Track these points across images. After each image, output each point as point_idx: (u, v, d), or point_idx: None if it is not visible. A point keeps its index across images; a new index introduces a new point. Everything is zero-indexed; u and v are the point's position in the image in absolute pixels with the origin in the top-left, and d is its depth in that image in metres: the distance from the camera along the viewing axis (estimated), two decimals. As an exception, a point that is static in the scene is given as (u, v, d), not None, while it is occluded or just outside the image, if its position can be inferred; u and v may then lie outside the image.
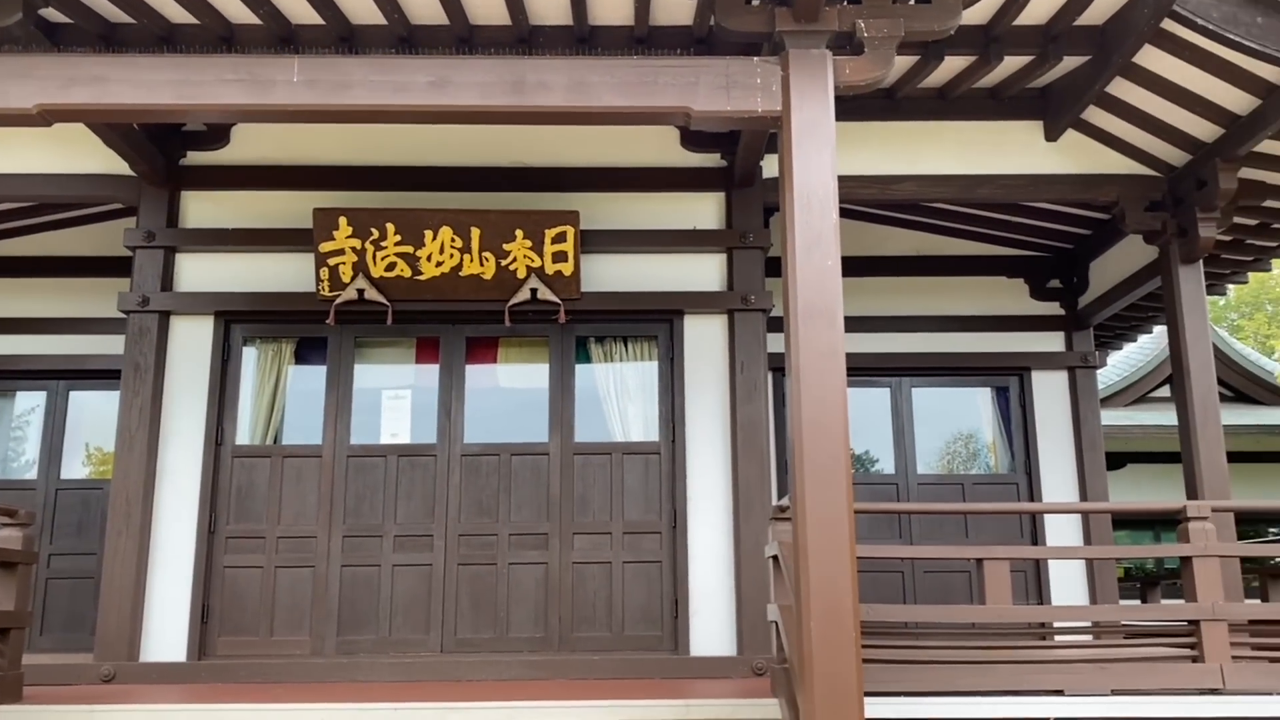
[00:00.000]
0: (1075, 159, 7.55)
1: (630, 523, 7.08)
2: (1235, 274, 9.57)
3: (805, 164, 4.75)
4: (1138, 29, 6.18)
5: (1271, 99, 6.42)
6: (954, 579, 8.83)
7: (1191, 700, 5.41)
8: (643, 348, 7.47)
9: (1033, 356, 9.23)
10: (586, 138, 7.32)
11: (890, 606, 5.78)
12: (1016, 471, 9.15)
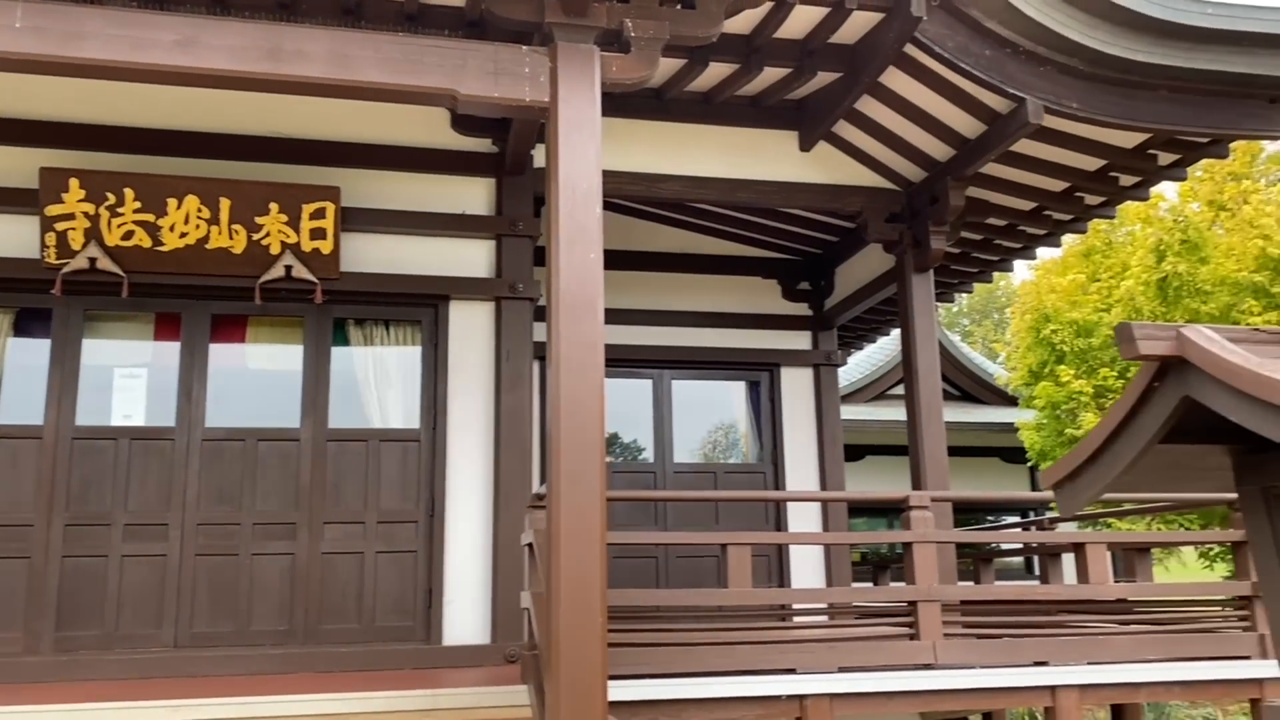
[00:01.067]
0: (826, 169, 8.01)
1: (386, 512, 6.91)
2: (963, 284, 10.48)
3: (571, 157, 4.79)
4: (884, 51, 6.63)
5: (996, 125, 7.05)
6: (705, 563, 9.19)
7: (907, 675, 5.90)
8: (405, 332, 7.30)
9: (782, 353, 9.74)
10: (352, 112, 7.06)
11: (638, 591, 5.96)
12: (765, 461, 9.63)
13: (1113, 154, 7.39)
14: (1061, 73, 6.73)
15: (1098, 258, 13.71)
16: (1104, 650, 6.27)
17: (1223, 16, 6.56)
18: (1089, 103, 6.77)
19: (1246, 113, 7.01)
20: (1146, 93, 6.82)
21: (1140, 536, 7.40)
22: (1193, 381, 1.88)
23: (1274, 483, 2.00)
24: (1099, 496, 2.17)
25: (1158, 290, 12.27)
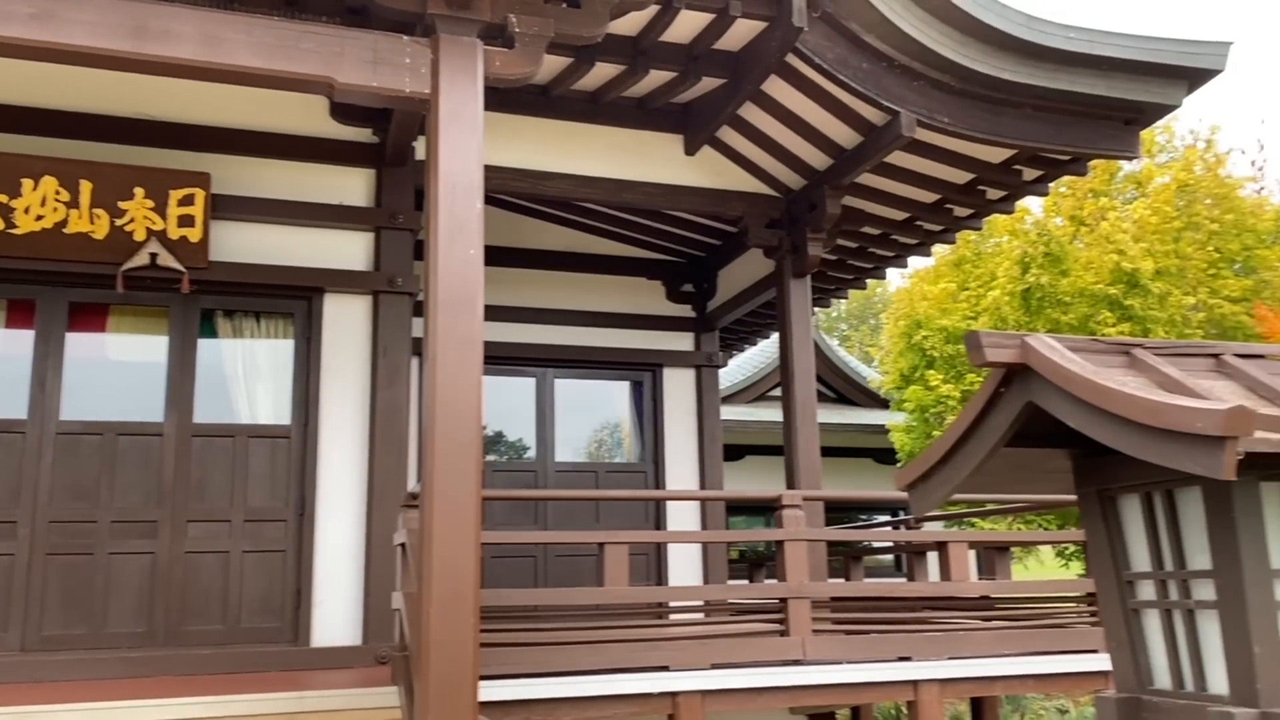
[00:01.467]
0: (710, 174, 8.12)
1: (253, 510, 6.70)
2: (839, 290, 10.76)
3: (452, 150, 4.73)
4: (766, 60, 6.76)
5: (871, 136, 7.26)
6: (586, 562, 9.19)
7: (778, 671, 6.02)
8: (278, 325, 7.09)
9: (665, 354, 9.83)
10: (225, 95, 6.81)
11: (512, 591, 5.93)
12: (646, 461, 9.70)
13: (981, 168, 7.68)
14: (934, 88, 6.96)
15: (968, 267, 14.25)
16: (964, 645, 6.51)
17: (1083, 40, 6.89)
18: (959, 118, 7.02)
19: (1104, 133, 7.39)
20: (1013, 110, 7.12)
21: (1000, 536, 7.72)
22: (1035, 388, 1.98)
23: (1108, 485, 2.12)
24: (949, 497, 2.26)
25: (1022, 300, 12.82)
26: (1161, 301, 12.64)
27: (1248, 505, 1.85)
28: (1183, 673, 2.00)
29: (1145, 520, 2.06)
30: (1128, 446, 1.78)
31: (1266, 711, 1.79)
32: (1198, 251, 13.14)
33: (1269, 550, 1.86)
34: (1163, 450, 1.70)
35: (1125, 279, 12.43)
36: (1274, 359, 2.15)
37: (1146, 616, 2.09)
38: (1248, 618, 1.81)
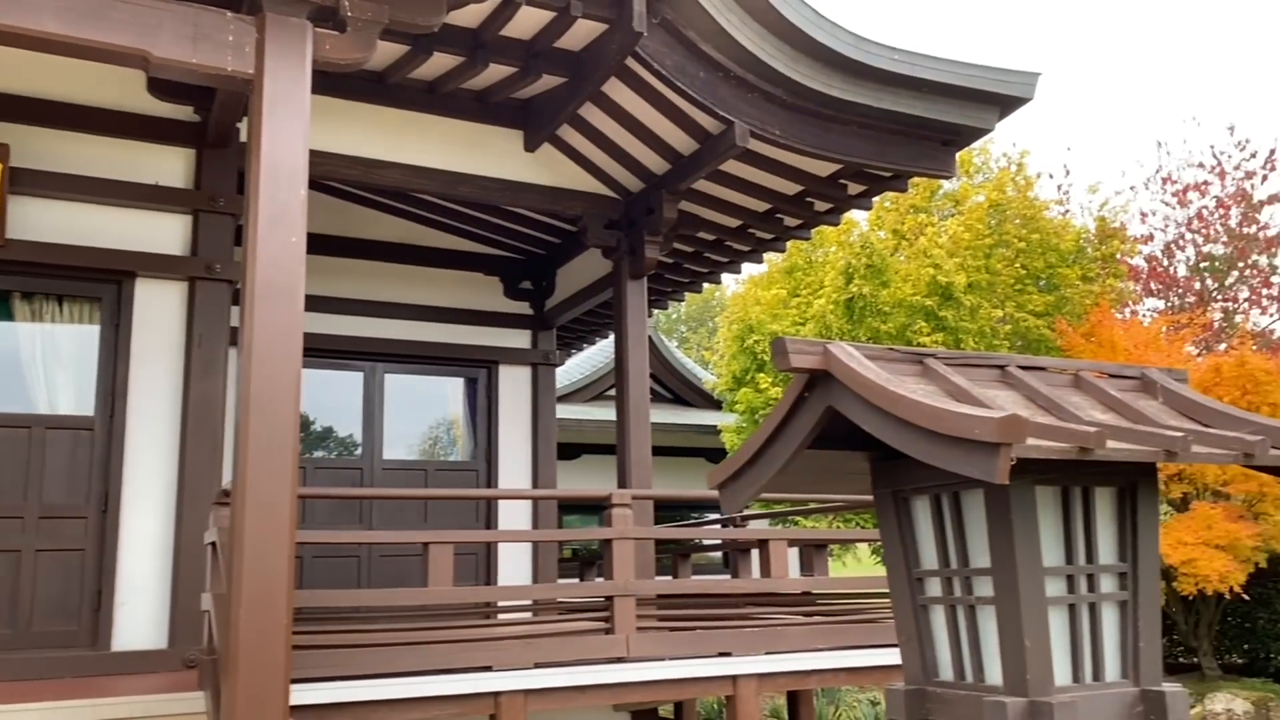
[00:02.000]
0: (549, 172, 8.10)
1: (50, 506, 6.26)
2: (675, 292, 10.94)
3: (276, 134, 4.56)
4: (606, 62, 6.80)
5: (707, 144, 7.41)
6: (412, 563, 9.02)
7: (601, 668, 6.06)
8: (84, 309, 6.66)
9: (501, 351, 9.75)
10: (28, 62, 6.34)
11: (330, 592, 5.76)
12: (478, 459, 9.60)
13: (809, 180, 7.96)
14: (767, 100, 7.16)
15: (799, 275, 14.72)
16: (782, 640, 6.72)
17: (906, 63, 7.23)
18: (790, 131, 7.25)
19: (924, 152, 7.77)
20: (840, 126, 7.40)
21: (818, 534, 8.01)
22: (836, 393, 2.07)
23: (901, 487, 2.23)
24: (757, 496, 2.33)
25: (846, 309, 13.35)
26: (973, 314, 13.39)
27: (1023, 507, 1.99)
28: (964, 665, 2.13)
29: (934, 521, 2.19)
30: (915, 450, 1.89)
31: (1034, 700, 1.93)
32: (1006, 268, 14.00)
33: (1041, 549, 2.00)
34: (945, 454, 1.81)
35: (940, 291, 13.11)
36: (1053, 371, 2.32)
37: (933, 612, 2.22)
38: (1021, 612, 1.95)
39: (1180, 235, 18.97)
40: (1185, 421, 2.21)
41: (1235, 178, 18.76)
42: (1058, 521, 2.07)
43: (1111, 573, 2.10)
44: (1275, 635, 13.13)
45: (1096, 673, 2.05)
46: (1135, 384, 2.37)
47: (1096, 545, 2.08)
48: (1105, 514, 2.12)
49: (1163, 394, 2.32)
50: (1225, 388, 11.99)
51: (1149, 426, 2.03)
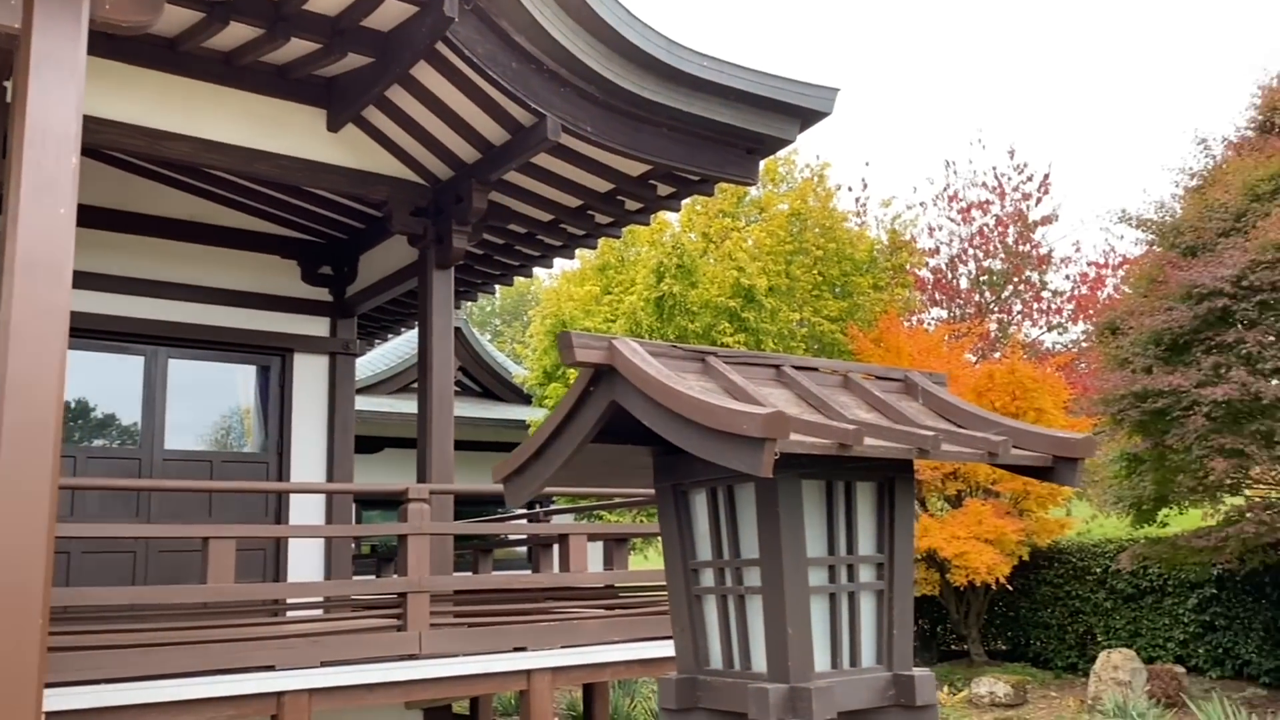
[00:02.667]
0: (353, 153, 7.84)
1: None
2: (485, 284, 10.82)
3: (44, 97, 4.22)
4: (415, 45, 6.64)
5: (519, 136, 7.36)
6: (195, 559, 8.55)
7: (391, 666, 5.93)
8: None
9: (297, 339, 9.37)
10: None
11: (97, 590, 5.38)
12: (269, 451, 9.19)
13: (621, 179, 8.04)
14: (580, 96, 7.18)
15: (611, 273, 14.88)
16: (579, 634, 6.77)
17: (715, 70, 7.42)
18: (602, 129, 7.30)
19: (730, 159, 7.99)
20: (651, 128, 7.51)
21: (619, 528, 8.12)
22: (619, 388, 2.09)
23: (681, 481, 2.29)
24: (542, 489, 2.33)
25: (656, 307, 13.59)
26: (773, 316, 13.91)
27: (790, 500, 2.07)
28: (733, 653, 2.20)
29: (710, 514, 2.25)
30: (690, 445, 1.93)
31: (795, 686, 2.01)
32: (805, 274, 14.61)
33: (806, 541, 2.09)
34: (716, 448, 1.86)
35: (744, 294, 13.54)
36: (825, 372, 2.43)
37: (706, 602, 2.28)
38: (785, 602, 2.03)
39: (964, 250, 20.36)
40: (940, 421, 2.36)
41: (1014, 199, 20.31)
42: (822, 514, 2.17)
43: (870, 563, 2.22)
44: (1036, 623, 14.28)
45: (854, 658, 2.17)
46: (899, 386, 2.51)
47: (857, 537, 2.20)
48: (866, 507, 2.24)
49: (923, 395, 2.47)
50: (997, 392, 12.96)
51: (906, 426, 2.16)
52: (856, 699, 2.11)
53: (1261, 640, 11.74)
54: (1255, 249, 8.80)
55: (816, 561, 2.12)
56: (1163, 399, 9.00)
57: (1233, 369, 8.58)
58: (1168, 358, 9.28)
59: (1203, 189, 10.23)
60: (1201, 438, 8.72)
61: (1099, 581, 13.44)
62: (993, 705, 11.43)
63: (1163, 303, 9.34)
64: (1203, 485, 9.07)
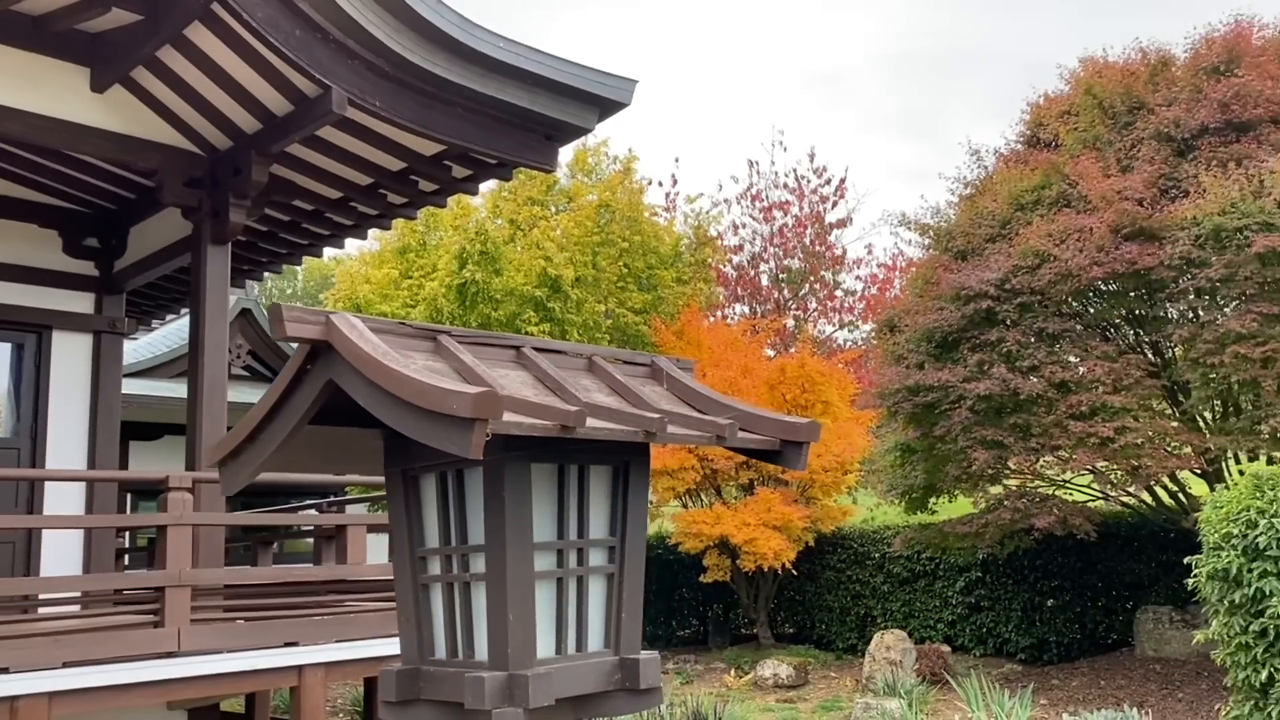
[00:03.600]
0: (120, 117, 7.28)
1: None
2: (271, 263, 10.31)
3: None
4: (188, 5, 6.22)
5: (303, 107, 7.01)
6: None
7: (147, 664, 5.54)
8: None
9: (56, 315, 8.64)
10: None
11: None
12: (21, 436, 8.44)
13: (413, 158, 7.81)
14: (369, 69, 6.92)
15: (412, 256, 14.51)
16: (355, 628, 6.55)
17: (512, 53, 7.30)
18: (392, 105, 7.05)
19: (528, 144, 7.89)
20: (445, 107, 7.32)
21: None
22: (337, 366, 1.98)
23: (411, 465, 2.20)
24: (257, 475, 2.19)
25: (458, 294, 13.36)
26: (579, 307, 13.93)
27: (517, 484, 2.02)
28: (457, 642, 2.13)
29: (439, 499, 2.17)
30: (404, 426, 1.85)
31: (513, 673, 1.97)
32: (611, 265, 14.72)
33: (534, 525, 2.05)
34: (429, 430, 1.78)
35: (550, 283, 13.50)
36: (571, 355, 2.39)
37: (433, 591, 2.20)
38: (507, 587, 1.98)
39: (765, 248, 21.04)
40: (680, 406, 2.37)
41: (812, 201, 21.13)
42: (553, 498, 2.13)
43: (601, 547, 2.20)
44: (820, 606, 14.94)
45: (580, 643, 2.14)
46: (645, 371, 2.51)
47: (588, 521, 2.17)
48: (600, 491, 2.21)
49: (667, 380, 2.47)
50: (788, 385, 13.45)
51: (640, 409, 2.15)
52: (579, 684, 2.08)
53: (1020, 620, 12.71)
54: (1017, 255, 9.46)
55: (544, 546, 2.08)
56: (932, 393, 9.55)
57: (995, 366, 9.20)
58: (938, 354, 9.86)
59: (974, 198, 10.93)
60: (966, 430, 9.31)
61: (878, 566, 14.20)
62: (776, 686, 11.86)
63: (935, 303, 9.91)
64: (967, 475, 9.69)
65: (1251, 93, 9.28)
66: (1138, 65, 10.36)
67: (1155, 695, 9.94)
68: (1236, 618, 5.96)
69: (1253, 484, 6.13)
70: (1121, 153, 9.98)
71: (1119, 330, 10.55)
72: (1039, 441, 9.13)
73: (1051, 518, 9.33)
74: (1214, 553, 6.14)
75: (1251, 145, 9.19)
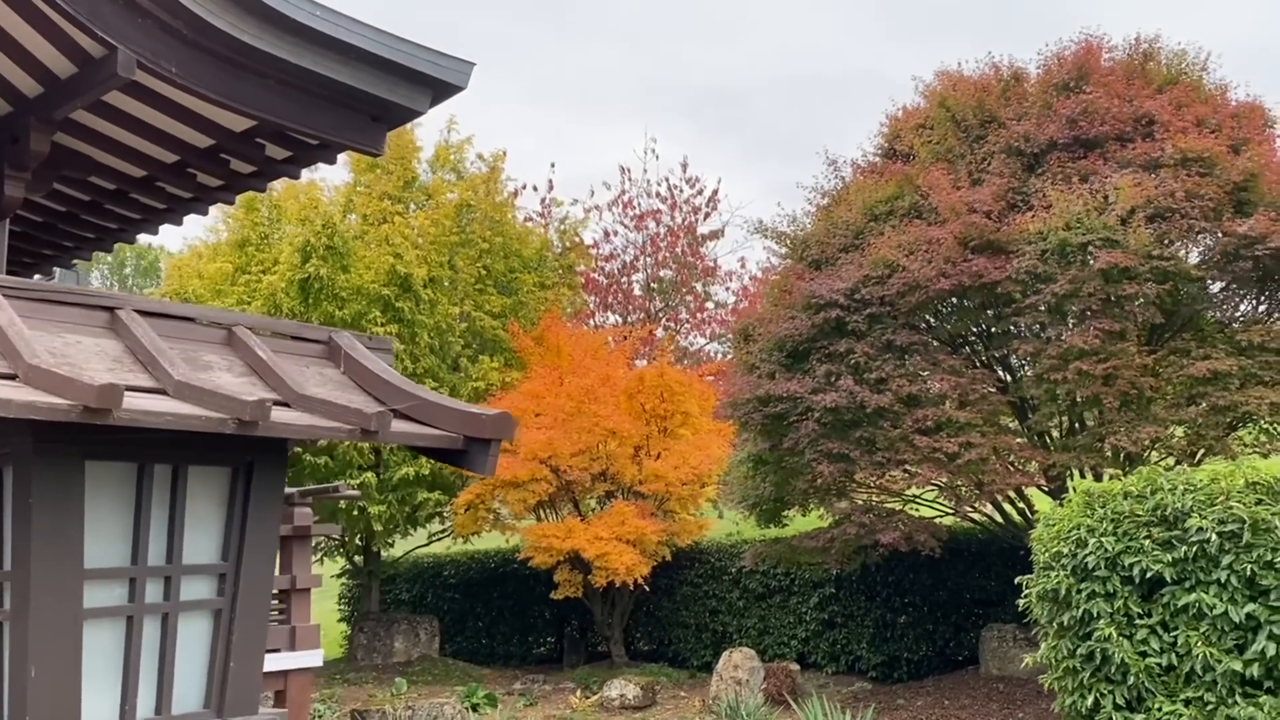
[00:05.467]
0: None
1: None
2: (78, 249, 9.35)
3: None
4: (-66, -61, 5.44)
5: (88, 69, 6.25)
6: None
7: None
8: None
9: None
10: None
11: None
12: None
13: (222, 134, 7.08)
14: (164, 31, 6.21)
15: (252, 250, 13.63)
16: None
17: (329, 22, 6.66)
18: (191, 71, 6.34)
19: (352, 124, 7.24)
20: (253, 77, 6.64)
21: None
22: None
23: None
24: None
25: (300, 289, 12.56)
26: (431, 308, 13.29)
27: (57, 488, 1.49)
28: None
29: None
30: None
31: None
32: (469, 266, 14.11)
33: (83, 546, 1.52)
34: None
35: (399, 281, 12.83)
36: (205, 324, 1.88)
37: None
38: (31, 630, 1.45)
39: (637, 257, 20.72)
40: (344, 392, 1.88)
41: (684, 211, 20.92)
42: (126, 509, 1.61)
43: (205, 575, 1.69)
44: (677, 623, 14.55)
45: (161, 704, 1.62)
46: (319, 349, 2.01)
47: (181, 540, 1.66)
48: (206, 501, 1.70)
49: (345, 361, 1.98)
50: (647, 394, 13.07)
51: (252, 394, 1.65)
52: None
53: (872, 636, 12.56)
54: (869, 264, 9.28)
55: (105, 574, 1.55)
56: (781, 404, 9.27)
57: (843, 378, 8.97)
58: (789, 365, 9.60)
59: (830, 208, 10.76)
60: (813, 442, 9.05)
61: (734, 582, 13.89)
62: (623, 708, 11.41)
63: (788, 312, 9.65)
64: (813, 488, 9.44)
65: (1099, 110, 9.32)
66: (991, 80, 10.36)
67: (996, 715, 9.85)
68: (1065, 640, 5.76)
69: (1084, 501, 5.96)
70: (973, 165, 9.93)
71: (968, 344, 10.50)
72: (885, 455, 8.93)
73: (896, 533, 9.14)
74: (1044, 572, 5.94)
75: (1098, 162, 9.22)
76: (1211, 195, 8.71)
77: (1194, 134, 9.09)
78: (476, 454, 1.79)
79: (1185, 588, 5.42)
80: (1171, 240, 8.94)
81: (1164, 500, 5.61)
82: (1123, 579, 5.59)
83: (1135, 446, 8.69)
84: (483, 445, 1.78)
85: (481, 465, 1.79)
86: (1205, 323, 9.53)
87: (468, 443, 1.79)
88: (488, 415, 1.78)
